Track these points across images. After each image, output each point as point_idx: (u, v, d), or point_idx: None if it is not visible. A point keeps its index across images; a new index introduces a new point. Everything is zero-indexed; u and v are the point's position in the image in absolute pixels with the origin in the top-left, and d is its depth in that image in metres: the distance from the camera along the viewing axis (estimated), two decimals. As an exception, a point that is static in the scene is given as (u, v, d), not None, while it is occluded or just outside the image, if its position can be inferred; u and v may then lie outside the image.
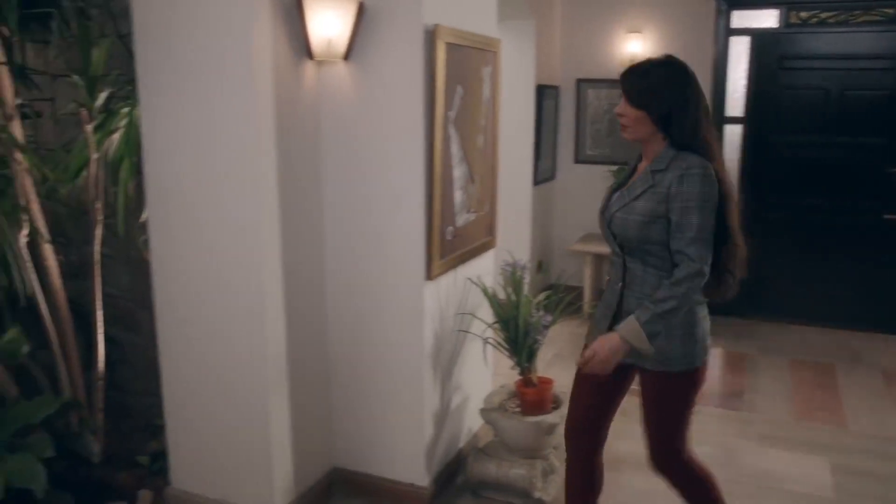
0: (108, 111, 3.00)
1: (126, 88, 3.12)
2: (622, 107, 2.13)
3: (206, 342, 2.69)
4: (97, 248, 3.06)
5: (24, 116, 3.02)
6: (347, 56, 2.65)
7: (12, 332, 2.74)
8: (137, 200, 3.06)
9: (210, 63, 2.45)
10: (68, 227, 3.49)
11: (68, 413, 2.91)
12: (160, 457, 3.32)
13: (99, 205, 3.00)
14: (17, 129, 2.82)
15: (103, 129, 2.94)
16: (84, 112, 2.86)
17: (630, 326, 2.06)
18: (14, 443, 2.54)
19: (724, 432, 3.70)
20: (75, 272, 3.74)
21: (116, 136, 2.99)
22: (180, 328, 2.75)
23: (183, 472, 2.92)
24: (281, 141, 2.54)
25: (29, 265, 2.87)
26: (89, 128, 2.86)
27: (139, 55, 2.58)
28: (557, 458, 3.09)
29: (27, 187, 2.87)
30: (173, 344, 2.79)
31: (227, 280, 2.58)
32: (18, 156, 2.77)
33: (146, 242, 2.79)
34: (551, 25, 5.64)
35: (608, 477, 2.51)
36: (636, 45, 5.47)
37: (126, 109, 2.98)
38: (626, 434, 2.96)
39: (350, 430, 3.02)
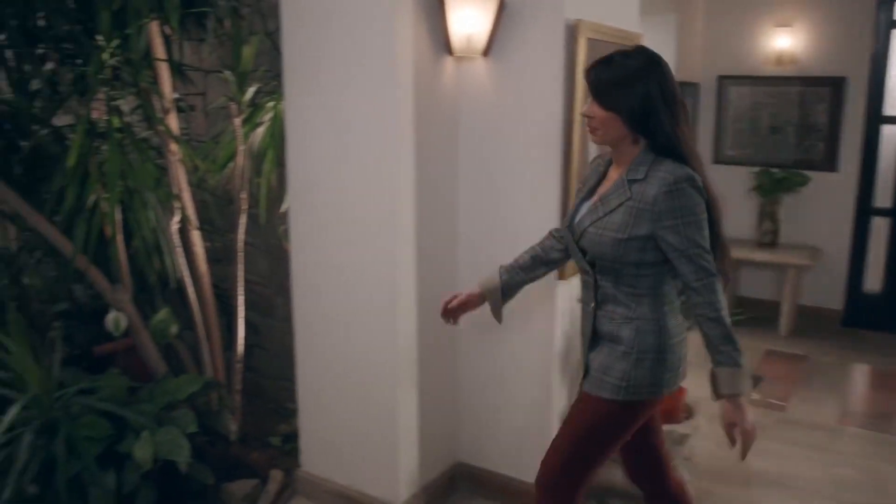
0: (255, 105, 3.12)
1: (272, 84, 3.25)
2: (589, 107, 1.89)
3: (339, 331, 2.76)
4: (241, 236, 3.20)
5: (179, 110, 3.19)
6: (487, 52, 2.64)
7: (163, 313, 2.91)
8: (279, 191, 3.18)
9: (353, 59, 2.51)
10: (215, 215, 3.67)
11: (209, 392, 3.06)
12: (291, 439, 3.44)
13: (244, 195, 3.13)
14: (172, 122, 2.98)
15: (250, 122, 3.07)
16: (233, 106, 2.99)
17: (731, 380, 1.82)
18: (162, 416, 2.69)
19: (871, 456, 3.44)
20: (219, 258, 3.93)
21: (261, 130, 3.12)
22: (316, 317, 2.83)
23: (312, 455, 3.01)
24: (419, 136, 2.56)
25: (179, 250, 3.04)
26: (237, 121, 3.00)
27: (286, 51, 2.67)
28: (687, 470, 2.97)
29: (180, 177, 3.04)
30: (308, 332, 2.88)
31: (361, 272, 2.64)
32: (173, 147, 2.94)
33: (286, 232, 2.90)
34: (693, 20, 5.43)
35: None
36: (785, 41, 5.18)
37: (271, 104, 3.10)
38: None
39: (475, 425, 3.02)
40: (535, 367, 2.81)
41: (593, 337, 1.99)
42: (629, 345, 1.91)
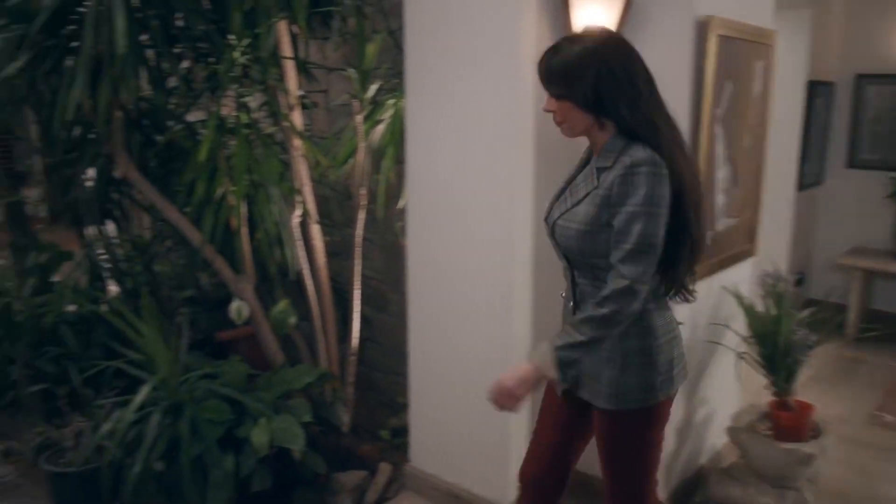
0: (376, 103, 3.17)
1: (393, 81, 3.29)
2: (546, 101, 1.77)
3: (453, 330, 2.76)
4: (359, 231, 3.25)
5: (303, 106, 3.28)
6: (611, 49, 2.57)
7: (283, 304, 3.00)
8: (397, 188, 3.22)
9: (475, 57, 2.50)
10: (334, 210, 3.75)
11: (324, 383, 3.13)
12: (400, 433, 3.48)
13: (363, 191, 3.19)
14: (297, 118, 3.07)
15: (371, 119, 3.12)
16: (355, 103, 3.04)
17: (542, 352, 1.70)
18: (278, 404, 2.77)
19: None
20: (336, 252, 4.02)
21: (381, 127, 3.16)
22: (430, 314, 2.84)
23: (421, 451, 3.03)
24: (540, 135, 2.53)
25: (299, 243, 3.12)
26: (359, 118, 3.05)
27: (408, 49, 2.70)
28: (811, 493, 2.81)
29: (302, 172, 3.12)
30: (422, 329, 2.90)
31: (477, 271, 2.63)
32: (297, 142, 3.02)
33: (403, 228, 2.92)
34: (830, 15, 5.13)
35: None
36: (935, 37, 4.82)
37: (392, 101, 3.14)
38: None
39: (585, 431, 2.95)
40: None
41: None
42: (612, 349, 1.77)
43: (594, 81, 1.68)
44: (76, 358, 3.57)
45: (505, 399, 1.79)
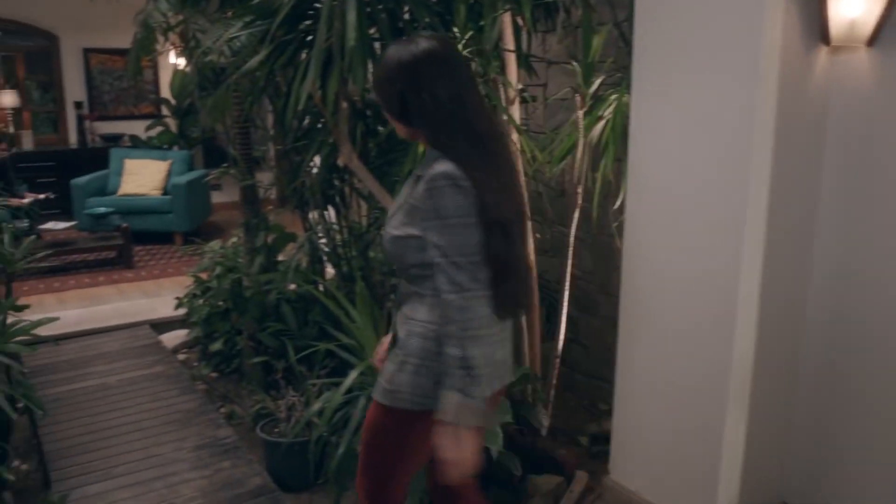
0: (598, 98, 3.04)
1: (616, 76, 3.14)
2: None
3: (666, 340, 2.59)
4: (573, 230, 3.15)
5: (522, 100, 3.22)
6: (873, 41, 2.27)
7: (490, 300, 2.96)
8: (615, 187, 3.08)
9: (711, 51, 2.30)
10: (546, 206, 3.67)
11: (525, 383, 3.06)
12: (600, 440, 3.35)
13: (580, 189, 3.08)
14: (516, 112, 3.02)
15: (591, 114, 3.00)
16: (577, 97, 2.93)
17: (453, 407, 1.62)
18: (479, 401, 2.74)
19: None
20: (545, 249, 3.94)
21: (602, 123, 3.03)
22: (642, 321, 2.68)
23: (622, 464, 2.88)
24: (779, 136, 2.28)
25: (510, 239, 3.07)
26: (580, 113, 2.94)
27: (637, 42, 2.54)
28: None
29: (518, 167, 3.06)
30: (632, 335, 2.75)
31: (698, 280, 2.43)
32: (515, 136, 2.97)
33: (618, 230, 2.78)
34: None
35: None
36: None
37: (614, 96, 2.99)
38: None
39: (809, 460, 2.66)
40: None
41: (394, 340, 1.91)
42: (400, 346, 1.82)
43: (399, 95, 1.71)
44: (293, 335, 3.78)
45: (464, 468, 1.69)
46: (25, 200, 6.92)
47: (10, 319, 3.70)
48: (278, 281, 3.90)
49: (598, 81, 3.02)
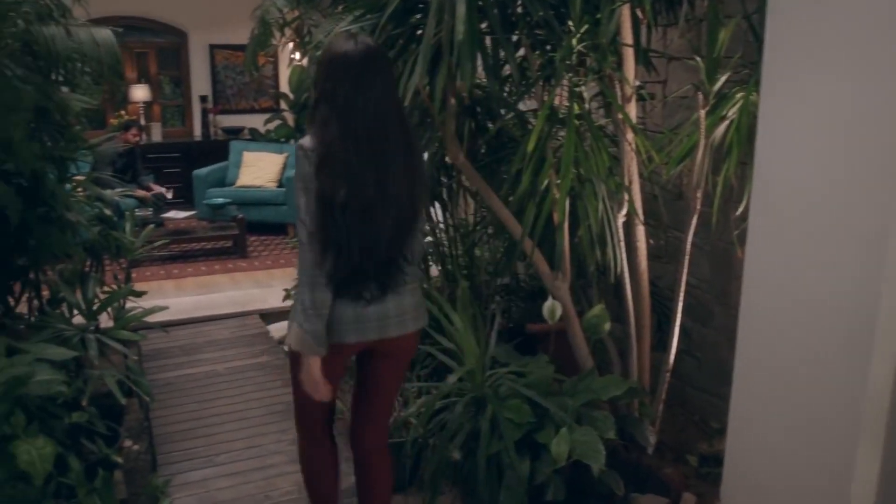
0: (722, 96, 2.84)
1: (743, 72, 2.93)
2: None
3: (791, 361, 2.37)
4: (690, 236, 2.96)
5: (639, 98, 3.06)
6: None
7: (598, 309, 2.83)
8: (737, 192, 2.87)
9: (856, 43, 2.06)
10: (661, 210, 3.49)
11: (632, 397, 2.90)
12: (710, 461, 3.15)
13: (699, 193, 2.88)
14: (632, 110, 2.86)
15: (714, 114, 2.80)
16: (699, 95, 2.74)
17: (292, 337, 2.15)
18: (581, 413, 2.62)
19: None
20: (658, 255, 3.75)
21: (726, 123, 2.82)
22: (764, 338, 2.47)
23: (736, 491, 2.67)
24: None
25: (621, 244, 2.92)
26: (702, 112, 2.75)
27: (769, 36, 2.32)
28: None
29: (632, 168, 2.91)
30: (752, 352, 2.53)
31: (831, 297, 2.20)
32: (630, 136, 2.81)
33: (740, 238, 2.58)
34: None
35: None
36: None
37: (740, 95, 2.78)
38: None
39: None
40: None
41: None
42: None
43: (315, 80, 2.17)
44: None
45: (305, 384, 2.18)
46: (150, 194, 7.25)
47: (127, 305, 3.85)
48: (383, 277, 3.88)
49: (722, 78, 2.82)
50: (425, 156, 3.53)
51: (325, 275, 2.08)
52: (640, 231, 2.99)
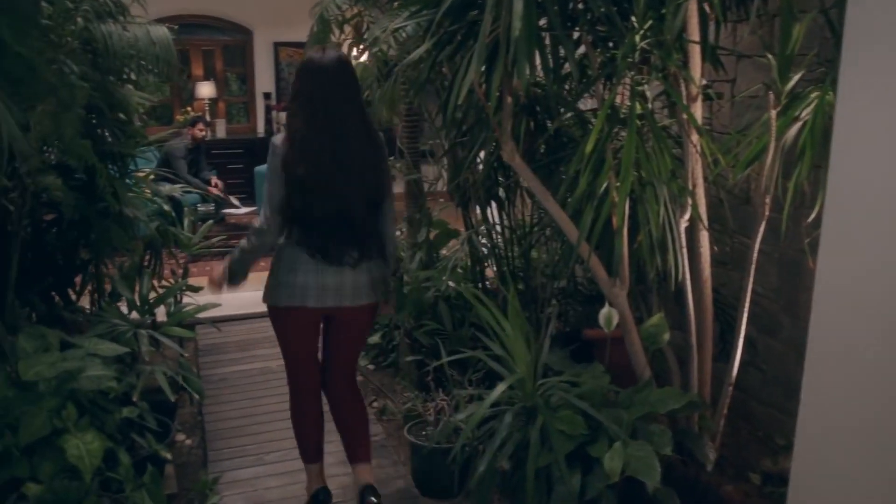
0: (795, 95, 2.68)
1: (818, 71, 2.77)
2: None
3: (864, 380, 2.21)
4: (757, 242, 2.81)
5: (705, 97, 2.92)
6: None
7: (657, 319, 2.71)
8: (810, 198, 2.72)
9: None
10: (726, 214, 3.33)
11: (691, 411, 2.77)
12: (774, 480, 3.00)
13: (768, 198, 2.74)
14: (697, 110, 2.72)
15: (786, 114, 2.65)
16: (771, 95, 2.60)
17: (221, 266, 2.77)
18: (637, 427, 2.51)
19: None
20: (723, 261, 3.60)
21: (798, 125, 2.67)
22: (835, 354, 2.32)
23: (801, 514, 2.53)
24: None
25: (683, 251, 2.79)
26: (773, 113, 2.60)
27: (847, 31, 2.17)
28: None
29: (697, 171, 2.77)
30: (822, 369, 2.38)
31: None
32: (695, 137, 2.68)
33: (812, 246, 2.43)
34: None
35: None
36: None
37: (815, 94, 2.62)
38: None
39: None
40: None
41: None
42: None
43: (292, 84, 2.72)
44: (448, 335, 3.69)
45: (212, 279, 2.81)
46: (213, 190, 7.34)
47: (184, 300, 3.89)
48: (436, 279, 3.82)
49: (796, 77, 2.66)
50: (481, 154, 3.46)
51: (269, 245, 2.68)
52: (704, 237, 2.85)
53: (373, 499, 2.81)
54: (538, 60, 2.54)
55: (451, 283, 3.74)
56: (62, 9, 2.42)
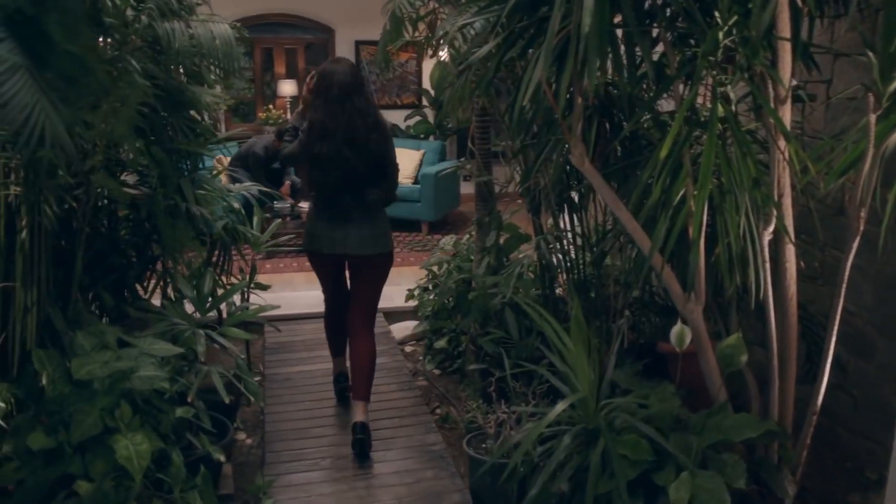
0: (896, 99, 2.43)
1: (926, 71, 2.50)
2: None
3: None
4: (850, 257, 2.58)
5: (796, 99, 2.70)
6: None
7: (734, 339, 2.50)
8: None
9: None
10: (816, 226, 3.08)
11: (770, 441, 2.56)
12: (863, 516, 2.75)
13: (864, 209, 2.50)
14: (786, 114, 2.51)
15: (888, 119, 2.40)
16: (871, 97, 2.36)
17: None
18: (707, 455, 2.32)
19: None
20: (811, 276, 3.35)
21: (902, 130, 2.42)
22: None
23: (892, 559, 2.29)
24: None
25: (766, 265, 2.58)
26: (873, 117, 2.36)
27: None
28: None
29: (784, 179, 2.56)
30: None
31: None
32: (782, 143, 2.47)
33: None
34: None
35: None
36: None
37: (921, 97, 2.37)
38: None
39: None
40: None
41: None
42: None
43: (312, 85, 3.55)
44: (514, 344, 3.55)
45: None
46: (283, 191, 7.32)
47: (252, 298, 3.88)
48: (504, 284, 3.69)
49: (900, 78, 2.42)
50: (554, 157, 3.31)
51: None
52: (790, 251, 2.63)
53: (360, 436, 3.29)
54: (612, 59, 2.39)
55: (514, 291, 3.60)
56: (125, 6, 2.41)
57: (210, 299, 3.16)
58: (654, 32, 2.60)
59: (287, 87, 9.19)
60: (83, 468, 2.34)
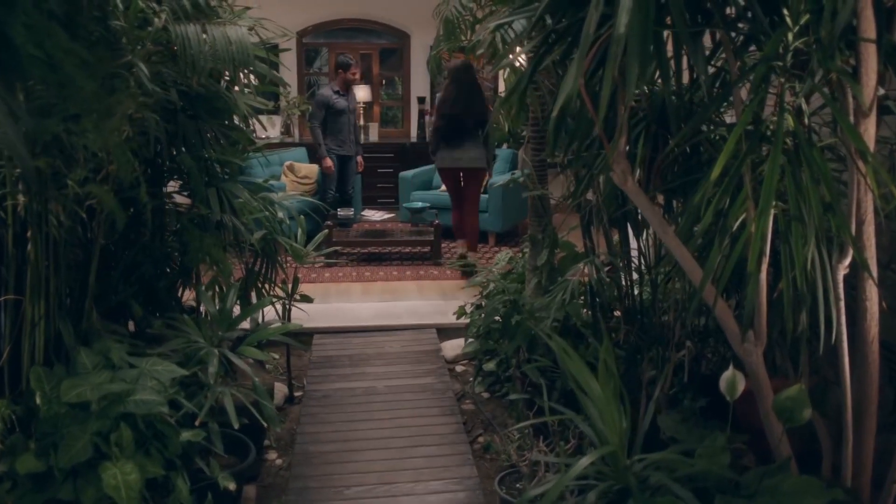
0: None
1: None
2: None
3: None
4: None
5: (883, 111, 2.34)
6: None
7: (794, 391, 2.15)
8: None
9: None
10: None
11: (839, 507, 2.20)
12: None
13: (957, 244, 2.12)
14: (870, 128, 2.15)
15: None
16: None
17: None
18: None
19: None
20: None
21: None
22: None
23: None
24: None
25: (841, 304, 2.23)
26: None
27: None
28: None
29: (866, 203, 2.20)
30: None
31: None
32: (861, 163, 2.12)
33: None
34: None
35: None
36: None
37: None
38: None
39: None
40: None
41: None
42: None
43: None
44: (559, 374, 3.27)
45: None
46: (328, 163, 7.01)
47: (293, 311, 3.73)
48: (552, 307, 3.41)
49: None
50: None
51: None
52: (871, 288, 2.27)
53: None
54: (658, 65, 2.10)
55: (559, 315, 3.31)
56: (136, 10, 2.27)
57: (231, 316, 3.00)
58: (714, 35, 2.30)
59: (361, 93, 9.11)
60: (74, 494, 2.21)
